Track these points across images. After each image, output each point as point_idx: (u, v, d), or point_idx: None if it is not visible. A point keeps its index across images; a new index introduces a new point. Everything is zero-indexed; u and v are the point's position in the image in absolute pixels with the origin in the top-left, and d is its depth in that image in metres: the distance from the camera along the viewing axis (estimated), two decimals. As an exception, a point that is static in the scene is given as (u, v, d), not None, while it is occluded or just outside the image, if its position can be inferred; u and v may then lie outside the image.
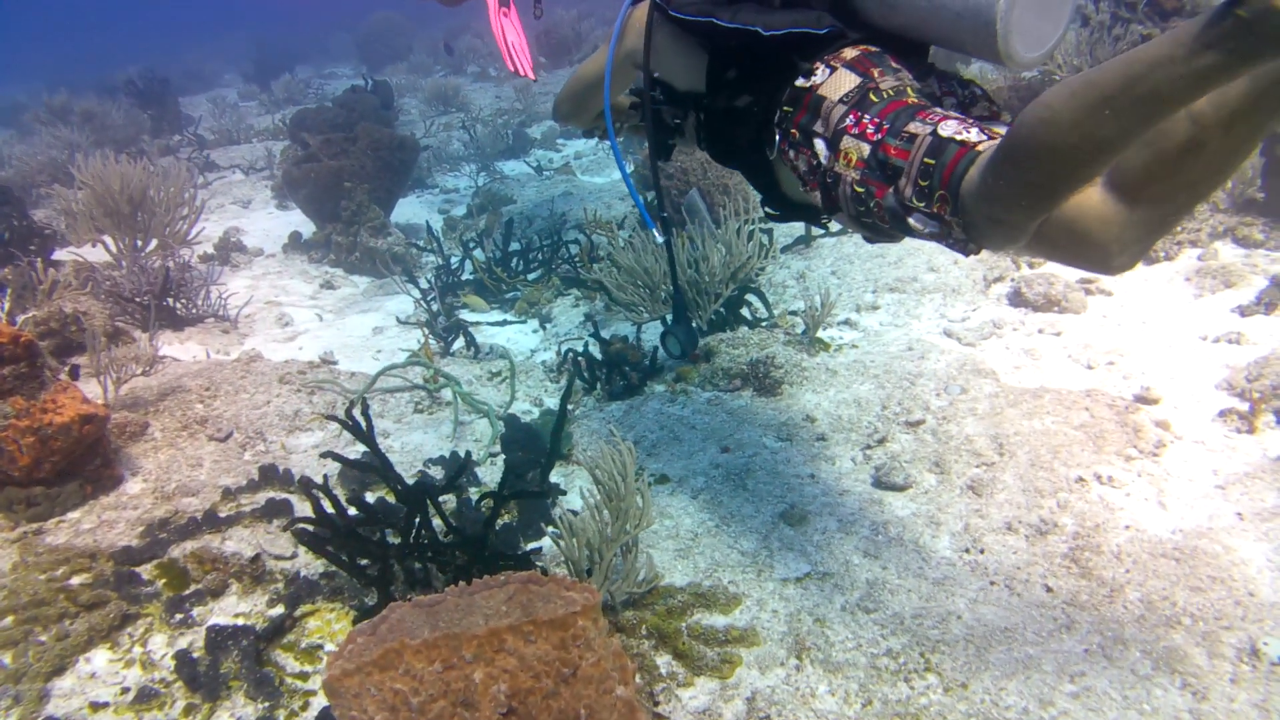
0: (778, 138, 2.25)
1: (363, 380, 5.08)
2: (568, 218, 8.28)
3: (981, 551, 3.24)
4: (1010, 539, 3.28)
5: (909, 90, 2.15)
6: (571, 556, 2.84)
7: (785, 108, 2.22)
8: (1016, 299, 5.44)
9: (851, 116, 2.06)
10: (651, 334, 5.28)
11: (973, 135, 1.89)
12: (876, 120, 2.02)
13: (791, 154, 2.22)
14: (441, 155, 11.50)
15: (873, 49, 2.23)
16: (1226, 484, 3.50)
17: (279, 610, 3.14)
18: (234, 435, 4.51)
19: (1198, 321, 5.02)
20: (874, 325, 5.24)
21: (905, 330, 5.08)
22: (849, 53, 2.20)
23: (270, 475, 3.97)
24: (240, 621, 3.08)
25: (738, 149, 2.48)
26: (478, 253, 7.15)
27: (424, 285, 6.73)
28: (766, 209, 2.64)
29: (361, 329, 6.68)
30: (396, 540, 3.00)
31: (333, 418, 3.22)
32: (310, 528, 2.99)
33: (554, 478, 3.83)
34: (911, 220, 1.94)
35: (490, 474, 4.05)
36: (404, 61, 19.79)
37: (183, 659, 2.85)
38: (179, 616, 3.11)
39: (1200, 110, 1.68)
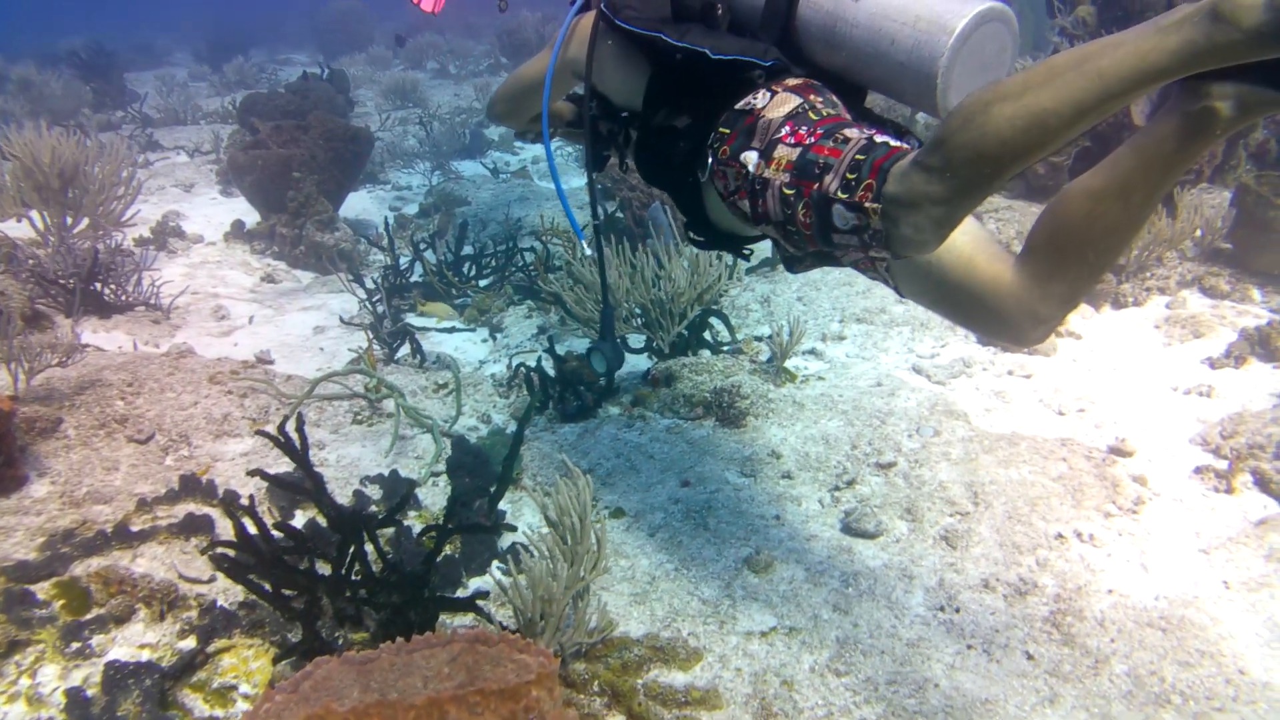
0: (710, 159, 2.21)
1: (300, 384, 4.75)
2: (523, 223, 8.01)
3: (957, 610, 3.03)
4: (988, 598, 3.08)
5: (845, 115, 2.17)
6: (520, 606, 2.57)
7: (722, 129, 2.19)
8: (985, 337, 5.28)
9: (788, 127, 2.05)
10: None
11: (905, 144, 1.89)
12: (812, 130, 2.02)
13: (722, 174, 2.18)
14: (396, 150, 11.15)
15: (814, 82, 2.24)
16: (1210, 548, 3.34)
17: (190, 643, 2.82)
18: (156, 437, 4.16)
19: (1168, 371, 4.91)
20: (840, 356, 5.05)
21: (873, 364, 4.89)
22: (791, 81, 2.21)
23: (192, 486, 3.64)
24: (146, 655, 2.76)
25: (669, 168, 2.43)
26: (429, 254, 6.85)
27: (370, 285, 6.41)
28: (690, 234, 2.57)
29: (302, 327, 6.34)
30: (327, 571, 2.71)
31: (263, 433, 2.92)
32: (231, 552, 2.69)
33: (502, 505, 3.56)
34: (834, 215, 1.88)
35: (433, 496, 3.76)
36: (363, 52, 19.36)
37: (74, 698, 2.53)
38: (76, 645, 2.78)
39: (1097, 186, 1.80)
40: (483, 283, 6.60)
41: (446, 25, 23.42)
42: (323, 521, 3.08)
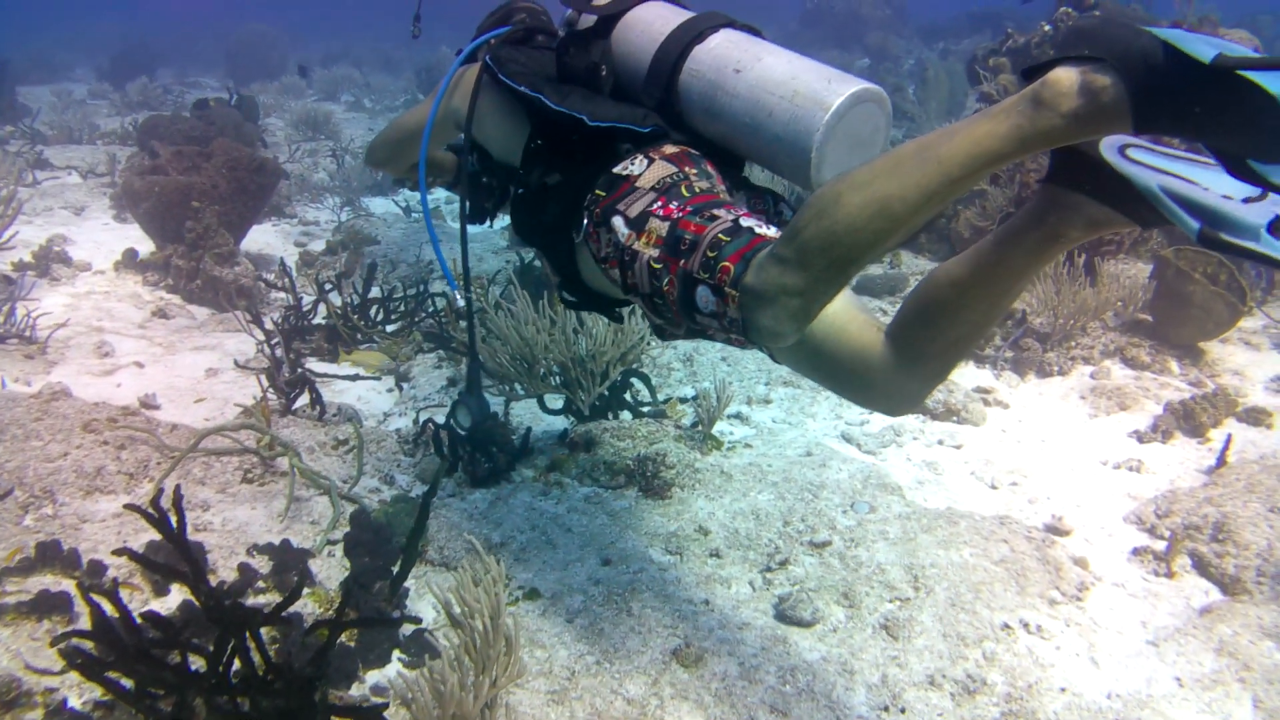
0: (585, 221, 2.21)
1: (186, 435, 4.33)
2: (435, 266, 7.67)
3: (903, 711, 2.79)
4: (934, 696, 2.85)
5: (720, 191, 2.16)
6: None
7: (598, 191, 2.19)
8: (915, 404, 5.13)
9: (659, 201, 2.06)
10: (528, 418, 4.72)
11: (771, 232, 1.89)
12: (682, 205, 2.02)
13: (596, 237, 2.18)
14: (304, 184, 10.69)
15: (692, 151, 2.24)
16: (1159, 640, 3.17)
17: (29, 751, 2.41)
18: (14, 493, 3.70)
19: (1096, 444, 4.83)
20: (767, 421, 4.83)
21: (802, 431, 4.69)
22: (669, 148, 2.21)
23: (51, 554, 3.21)
24: (-28, 766, 2.35)
25: (544, 228, 2.41)
26: (334, 295, 6.46)
27: (269, 326, 5.99)
28: (563, 294, 2.55)
29: (194, 369, 5.89)
30: (202, 666, 2.34)
31: (132, 508, 2.53)
32: (86, 644, 2.31)
33: (407, 582, 3.21)
34: (697, 296, 1.89)
35: (328, 569, 3.39)
36: (276, 80, 18.77)
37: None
38: (-113, 754, 2.35)
39: (962, 277, 1.86)
40: (390, 328, 6.23)
41: (365, 59, 23.02)
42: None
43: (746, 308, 1.80)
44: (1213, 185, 1.52)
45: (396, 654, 2.87)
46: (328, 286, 6.45)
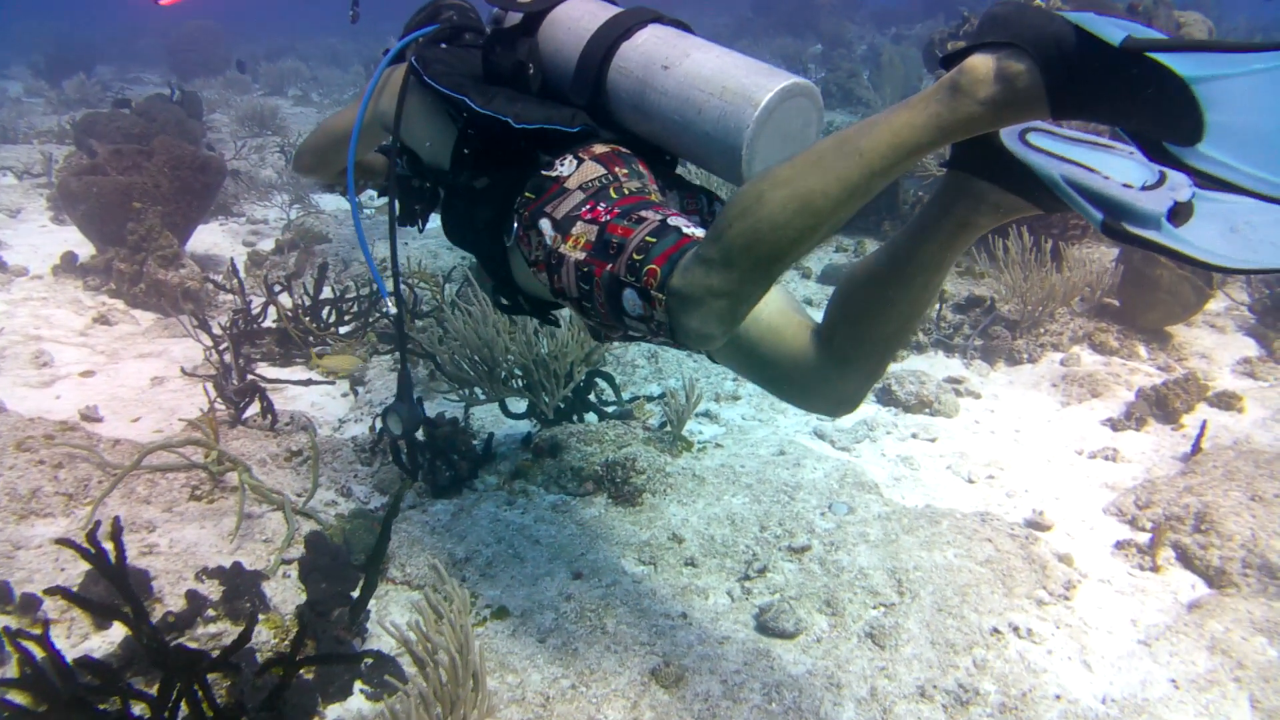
0: (515, 224, 2.17)
1: (128, 451, 4.10)
2: (387, 263, 7.44)
3: (893, 728, 2.66)
4: (926, 709, 2.72)
5: (651, 191, 2.14)
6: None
7: (527, 194, 2.15)
8: (886, 396, 5.03)
9: (588, 204, 2.02)
10: (489, 421, 4.54)
11: (699, 232, 1.86)
12: (610, 207, 1.99)
13: (526, 239, 2.14)
14: (252, 181, 10.37)
15: (623, 149, 2.21)
16: (1150, 639, 3.08)
17: (-47, 811, 2.21)
18: (-60, 519, 3.48)
19: (1070, 434, 4.75)
20: (737, 419, 4.69)
21: (773, 428, 4.55)
22: (599, 148, 2.18)
23: (-23, 586, 2.99)
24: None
25: (474, 232, 2.37)
26: (284, 297, 6.22)
27: (217, 331, 5.75)
28: (498, 298, 2.51)
29: (138, 378, 5.63)
30: (145, 711, 2.16)
31: (64, 542, 2.32)
32: (13, 694, 2.11)
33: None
34: (624, 299, 1.86)
35: (283, 591, 3.20)
36: (219, 75, 18.28)
37: None
38: None
39: (881, 272, 1.86)
40: (343, 330, 6.01)
41: (311, 53, 22.57)
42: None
43: (673, 310, 1.77)
44: (1113, 171, 1.48)
45: (359, 685, 2.69)
46: (277, 288, 6.21)
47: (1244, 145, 1.29)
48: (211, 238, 8.73)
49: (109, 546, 2.37)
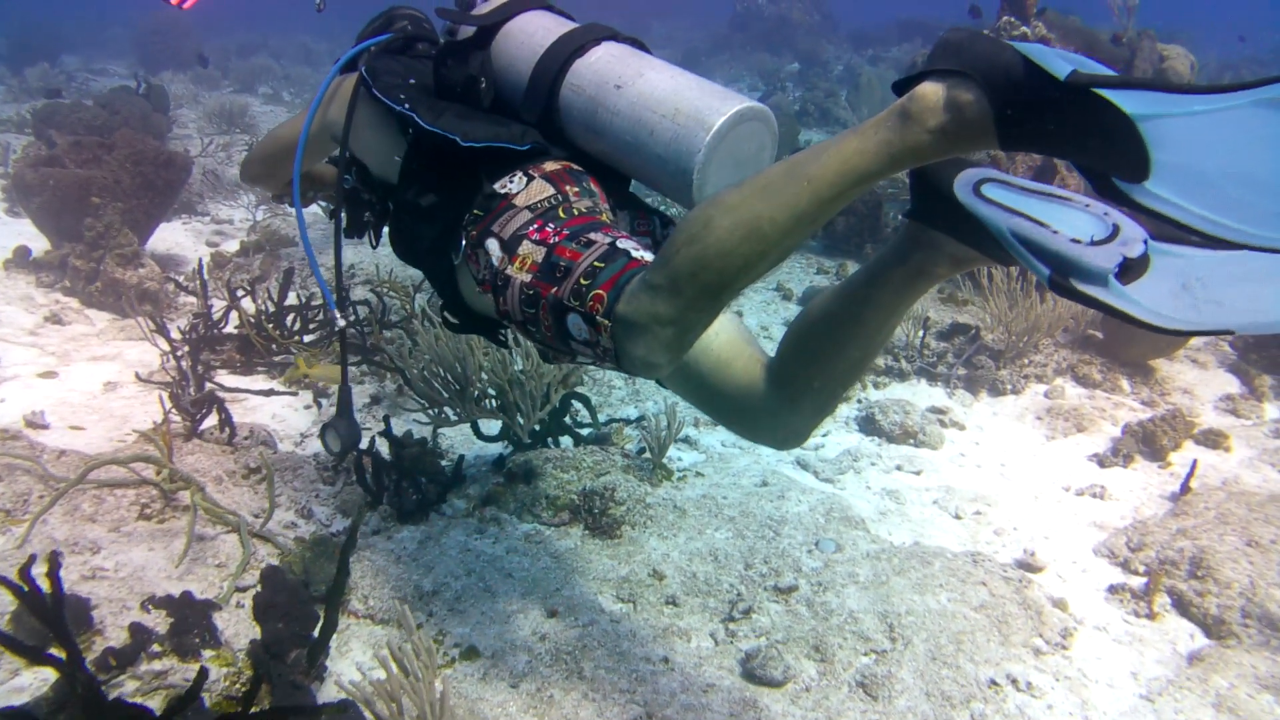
0: (463, 242, 2.12)
1: (74, 462, 3.86)
2: (356, 270, 7.22)
3: (888, 790, 2.50)
4: (921, 771, 2.56)
5: (602, 211, 2.10)
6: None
7: (475, 211, 2.10)
8: (870, 426, 4.90)
9: (536, 224, 1.98)
10: (459, 441, 4.34)
11: (649, 256, 1.82)
12: (559, 229, 1.94)
13: (475, 258, 2.09)
14: (218, 180, 10.08)
15: (575, 166, 2.16)
16: (1153, 694, 2.94)
17: None
18: None
19: (1057, 469, 4.64)
20: (717, 445, 4.53)
21: (754, 457, 4.39)
22: (549, 165, 2.13)
23: (-99, 611, 2.75)
24: None
25: (422, 249, 2.31)
26: (246, 302, 5.97)
27: (175, 335, 5.51)
28: (445, 315, 2.44)
29: (90, 382, 5.37)
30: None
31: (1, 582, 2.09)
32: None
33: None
34: (569, 323, 1.82)
35: (236, 623, 2.98)
36: (189, 69, 17.90)
37: None
38: None
39: (836, 312, 1.86)
40: (308, 338, 5.78)
41: (284, 51, 22.23)
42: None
43: (619, 337, 1.73)
44: (1064, 225, 1.44)
45: (316, 729, 2.48)
46: (240, 293, 5.97)
47: (1190, 184, 1.28)
48: (173, 236, 8.45)
49: (43, 580, 2.16)
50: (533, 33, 2.20)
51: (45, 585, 2.14)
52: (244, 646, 2.88)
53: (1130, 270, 1.39)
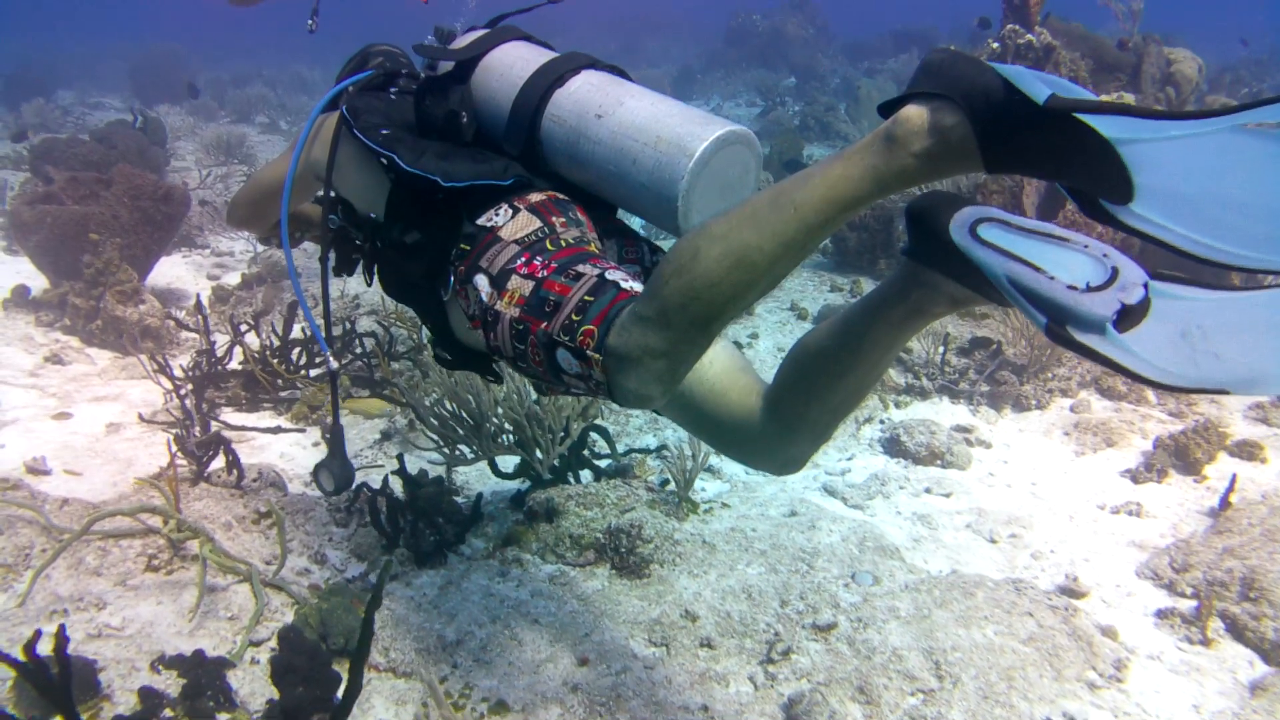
0: (451, 278, 2.11)
1: (78, 511, 3.73)
2: (360, 302, 7.10)
3: (949, 846, 2.35)
4: (982, 823, 2.42)
5: (589, 241, 2.08)
6: None
7: (462, 245, 2.09)
8: (896, 448, 4.76)
9: (523, 258, 1.95)
10: (474, 477, 4.20)
11: (638, 286, 1.82)
12: (547, 262, 1.92)
13: (464, 293, 2.08)
14: (217, 212, 9.99)
15: (560, 196, 2.14)
16: (1217, 732, 2.80)
17: None
18: None
19: (1089, 486, 4.50)
20: (740, 473, 4.39)
21: (780, 485, 4.25)
22: (535, 196, 2.11)
23: (-101, 679, 2.61)
24: None
25: (411, 285, 2.31)
26: (250, 337, 5.85)
27: (178, 373, 5.38)
28: (438, 351, 2.43)
29: (92, 424, 5.25)
30: None
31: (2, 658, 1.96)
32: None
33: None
34: (559, 358, 1.81)
35: (251, 681, 2.83)
36: (185, 101, 17.85)
37: None
38: None
39: (833, 347, 1.86)
40: (314, 372, 5.65)
41: (279, 80, 22.19)
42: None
43: (610, 370, 1.72)
44: (1062, 270, 1.41)
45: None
46: (244, 327, 5.85)
47: (1173, 206, 1.29)
48: (174, 271, 8.34)
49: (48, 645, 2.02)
50: (511, 64, 2.20)
51: (52, 661, 2.01)
52: (260, 708, 2.74)
53: (1129, 316, 1.36)
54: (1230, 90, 13.76)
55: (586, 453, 4.14)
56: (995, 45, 8.25)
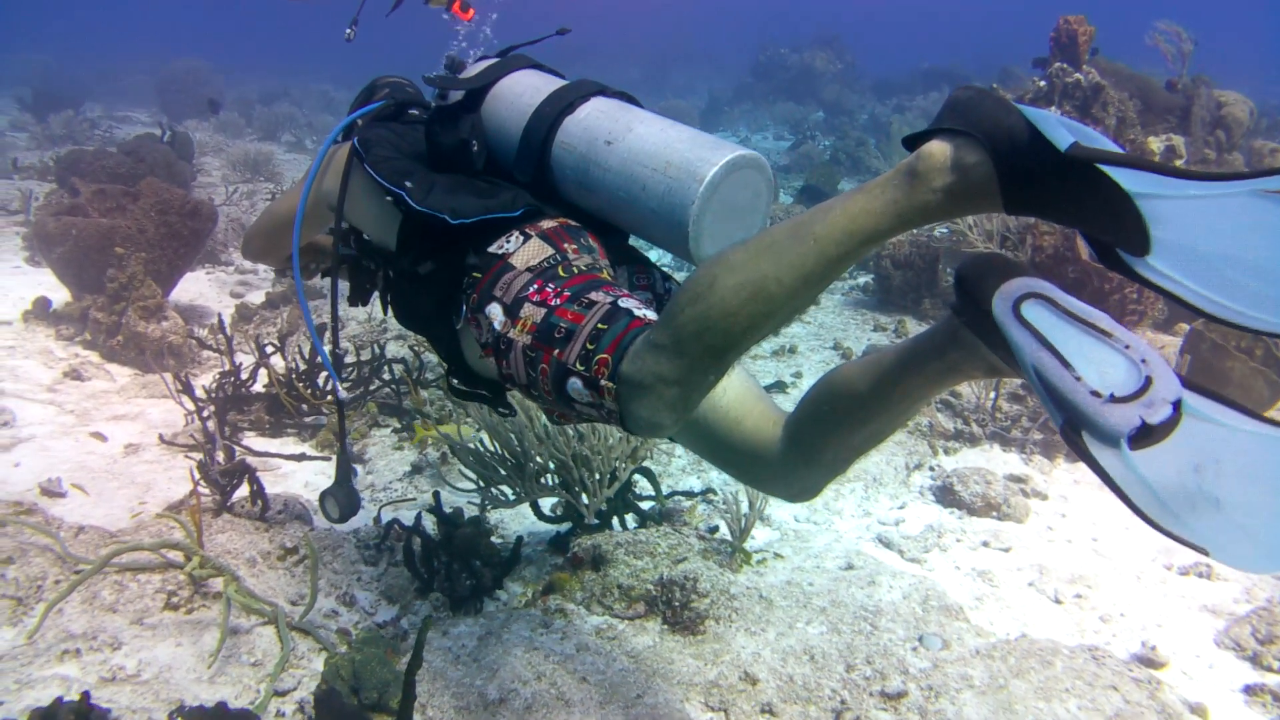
0: (464, 307, 2.10)
1: (94, 539, 3.53)
2: (388, 326, 6.92)
3: None
4: None
5: (602, 268, 2.08)
6: None
7: (474, 274, 2.07)
8: (949, 497, 4.53)
9: (535, 285, 1.95)
10: (509, 515, 3.99)
11: (650, 314, 1.82)
12: (559, 290, 1.92)
13: (476, 322, 2.06)
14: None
15: (572, 223, 2.13)
16: (1326, 830, 2.56)
17: None
18: None
19: (1153, 544, 4.26)
20: (791, 521, 4.17)
21: (833, 534, 4.03)
22: (546, 223, 2.10)
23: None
24: None
25: (424, 315, 2.32)
26: (275, 359, 5.67)
27: (200, 393, 5.20)
28: (452, 381, 2.41)
29: (110, 444, 5.07)
30: None
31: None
32: None
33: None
34: (569, 387, 1.79)
35: (274, 734, 2.63)
36: (211, 118, 17.83)
37: None
38: None
39: (864, 390, 1.81)
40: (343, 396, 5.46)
41: (304, 99, 22.21)
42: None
43: (623, 398, 1.71)
44: (1091, 371, 1.37)
45: None
46: (269, 349, 5.67)
47: (1190, 263, 1.30)
48: (196, 287, 8.19)
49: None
50: (521, 93, 2.20)
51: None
52: (288, 768, 2.53)
53: (1149, 435, 1.31)
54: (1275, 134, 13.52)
55: (632, 494, 3.93)
56: (1042, 83, 8.09)
